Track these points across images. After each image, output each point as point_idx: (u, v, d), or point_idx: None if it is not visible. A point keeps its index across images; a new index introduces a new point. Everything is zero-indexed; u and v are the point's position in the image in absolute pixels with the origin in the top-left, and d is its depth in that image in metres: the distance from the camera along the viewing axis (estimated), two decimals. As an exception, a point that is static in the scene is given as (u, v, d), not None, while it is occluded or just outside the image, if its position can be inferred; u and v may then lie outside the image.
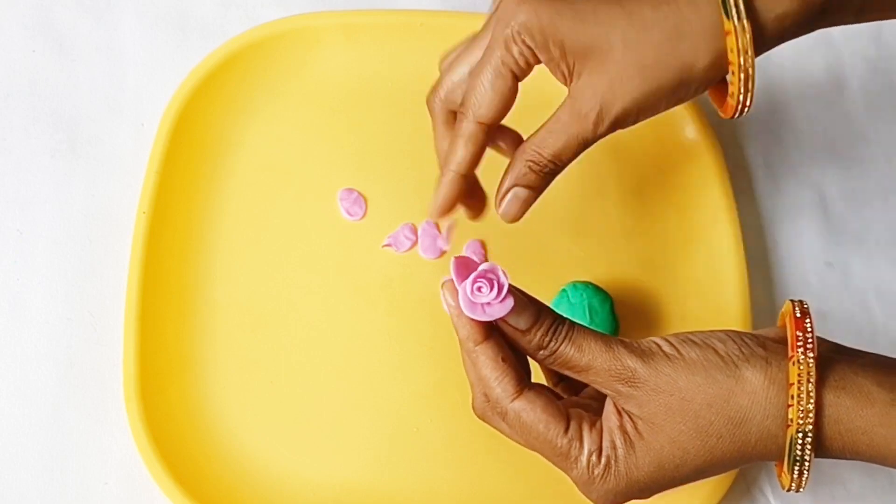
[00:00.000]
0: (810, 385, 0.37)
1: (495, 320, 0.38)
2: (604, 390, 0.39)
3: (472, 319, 0.38)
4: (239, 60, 0.56)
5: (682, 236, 0.55)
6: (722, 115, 0.45)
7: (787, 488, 0.39)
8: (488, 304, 0.38)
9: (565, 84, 0.43)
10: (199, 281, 0.53)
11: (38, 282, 0.52)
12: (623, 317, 0.53)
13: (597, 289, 0.52)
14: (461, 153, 0.44)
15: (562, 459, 0.39)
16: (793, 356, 0.38)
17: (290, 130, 0.56)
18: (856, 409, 0.38)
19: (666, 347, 0.39)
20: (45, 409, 0.50)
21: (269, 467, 0.50)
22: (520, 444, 0.40)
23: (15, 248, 0.53)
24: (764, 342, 0.40)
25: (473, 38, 0.45)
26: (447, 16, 0.58)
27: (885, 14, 0.45)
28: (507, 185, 0.45)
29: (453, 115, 0.45)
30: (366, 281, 0.53)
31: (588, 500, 0.40)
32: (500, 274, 0.38)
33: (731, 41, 0.41)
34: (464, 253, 0.54)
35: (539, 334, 0.39)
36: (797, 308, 0.39)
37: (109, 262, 0.53)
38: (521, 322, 0.39)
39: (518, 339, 0.39)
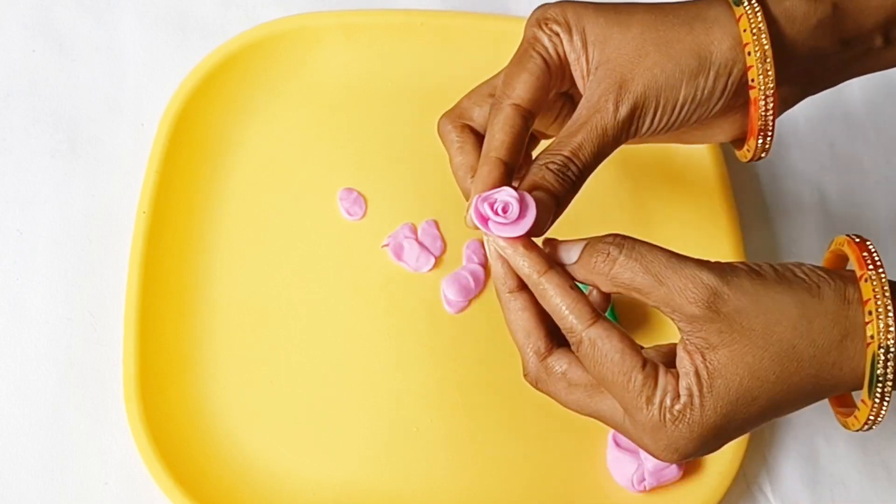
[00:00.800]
0: (887, 299, 0.36)
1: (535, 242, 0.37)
2: (674, 317, 0.37)
3: (532, 250, 0.37)
4: (239, 60, 0.56)
5: (681, 235, 0.55)
6: (745, 153, 0.44)
7: (861, 425, 0.38)
8: (511, 223, 0.37)
9: (584, 87, 0.42)
10: (199, 281, 0.53)
11: (38, 282, 0.52)
12: (623, 316, 0.53)
13: None
14: (499, 136, 0.40)
15: (633, 397, 0.37)
16: (863, 274, 0.37)
17: (290, 130, 0.56)
18: None
19: (744, 267, 0.37)
20: (45, 409, 0.50)
21: (269, 467, 0.50)
22: (581, 397, 0.38)
23: (15, 248, 0.53)
24: (829, 269, 0.39)
25: (491, 77, 0.44)
26: (447, 15, 0.58)
27: None
28: (525, 189, 0.40)
29: (470, 129, 0.43)
30: (365, 280, 0.53)
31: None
32: (520, 196, 0.37)
33: (743, 22, 0.40)
34: (464, 253, 0.54)
35: (595, 253, 0.37)
36: (854, 236, 0.39)
37: (109, 261, 0.53)
38: (573, 253, 0.38)
39: (574, 270, 0.38)
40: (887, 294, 0.36)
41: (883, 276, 0.37)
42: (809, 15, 0.41)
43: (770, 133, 0.42)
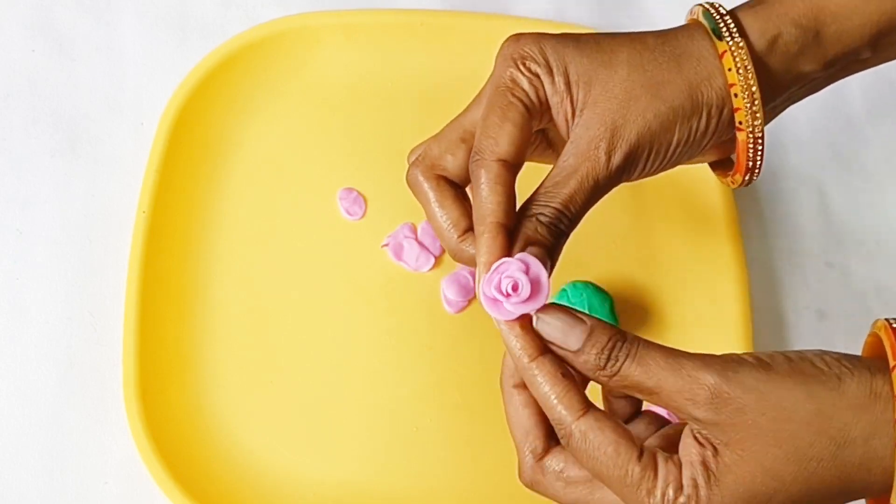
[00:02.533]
0: None
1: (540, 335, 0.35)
2: (679, 415, 0.35)
3: (527, 331, 0.35)
4: (239, 60, 0.56)
5: (681, 236, 0.55)
6: (729, 183, 0.42)
7: None
8: (518, 302, 0.34)
9: (567, 131, 0.40)
10: (199, 280, 0.53)
11: (37, 281, 0.53)
12: (622, 316, 0.53)
13: (596, 288, 0.52)
14: (491, 198, 0.37)
15: (632, 491, 0.34)
16: (895, 365, 0.34)
17: (290, 130, 0.56)
18: None
19: (750, 359, 0.35)
20: (45, 409, 0.50)
21: (268, 466, 0.50)
22: (581, 494, 0.36)
23: (15, 247, 0.53)
24: (860, 358, 0.36)
25: (457, 117, 0.41)
26: (447, 15, 0.58)
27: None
28: (517, 248, 0.37)
29: (445, 181, 0.40)
30: (365, 280, 0.54)
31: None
32: (526, 266, 0.34)
33: (727, 60, 0.39)
34: None
35: (594, 352, 0.35)
36: (892, 321, 0.36)
37: (109, 261, 0.53)
38: (572, 340, 0.35)
39: (572, 360, 0.35)
40: None
41: None
42: (792, 44, 0.40)
43: (758, 168, 0.41)
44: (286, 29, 0.57)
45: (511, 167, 0.38)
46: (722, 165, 0.43)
